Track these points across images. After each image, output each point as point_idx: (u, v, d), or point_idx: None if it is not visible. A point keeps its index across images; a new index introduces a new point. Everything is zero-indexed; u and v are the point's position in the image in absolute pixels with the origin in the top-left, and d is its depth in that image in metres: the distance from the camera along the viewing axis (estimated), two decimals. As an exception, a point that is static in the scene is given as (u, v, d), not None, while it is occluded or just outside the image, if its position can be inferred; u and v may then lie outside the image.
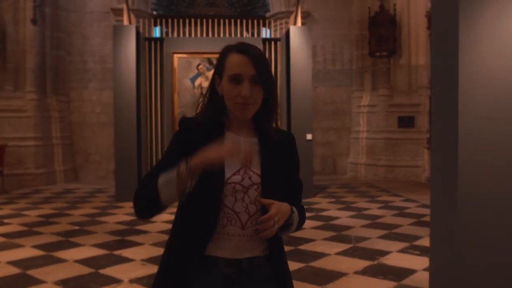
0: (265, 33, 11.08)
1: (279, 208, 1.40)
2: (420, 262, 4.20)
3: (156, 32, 9.86)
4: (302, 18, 10.35)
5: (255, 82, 1.42)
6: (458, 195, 2.92)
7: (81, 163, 10.47)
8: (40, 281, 3.78)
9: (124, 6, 7.96)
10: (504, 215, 2.79)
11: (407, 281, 3.77)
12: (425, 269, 3.87)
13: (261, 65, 1.43)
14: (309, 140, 7.67)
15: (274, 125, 1.54)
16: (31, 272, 4.00)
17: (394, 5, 9.81)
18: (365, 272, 4.01)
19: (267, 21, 9.76)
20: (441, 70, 3.06)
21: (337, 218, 6.22)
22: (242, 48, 1.43)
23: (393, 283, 3.73)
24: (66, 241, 5.06)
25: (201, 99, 1.52)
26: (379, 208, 6.88)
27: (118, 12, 10.22)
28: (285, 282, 1.51)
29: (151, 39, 8.35)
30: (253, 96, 1.42)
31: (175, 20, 9.12)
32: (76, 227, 5.72)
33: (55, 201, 7.61)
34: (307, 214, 5.46)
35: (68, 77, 10.33)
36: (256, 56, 1.43)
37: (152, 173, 1.42)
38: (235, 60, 1.42)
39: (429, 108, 9.11)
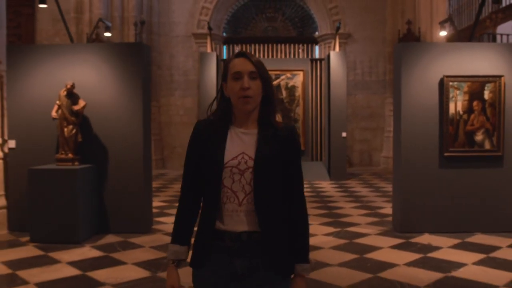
0: (317, 51, 13.93)
1: None
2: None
3: (224, 52, 12.87)
4: (344, 38, 13.12)
5: (253, 78, 1.69)
6: (401, 162, 5.63)
7: (167, 154, 13.62)
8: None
9: (208, 38, 10.99)
10: (427, 175, 5.50)
11: (387, 219, 6.46)
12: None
13: (258, 63, 1.72)
14: (344, 137, 10.35)
15: (277, 119, 1.79)
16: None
17: (419, 28, 12.25)
18: (366, 218, 6.74)
19: (316, 41, 12.50)
20: (395, 97, 5.78)
21: (358, 191, 8.92)
22: (241, 53, 1.74)
23: (381, 228, 6.43)
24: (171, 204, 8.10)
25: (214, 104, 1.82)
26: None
27: (197, 36, 13.33)
28: (277, 257, 1.71)
29: (225, 60, 11.36)
30: (253, 89, 1.68)
31: (241, 42, 12.06)
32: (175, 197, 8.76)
33: (157, 180, 10.72)
34: (341, 194, 8.58)
35: (158, 86, 13.49)
36: (252, 57, 1.72)
37: (184, 178, 1.82)
38: (235, 62, 1.71)
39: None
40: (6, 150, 5.82)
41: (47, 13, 12.63)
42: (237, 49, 14.36)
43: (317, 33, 14.17)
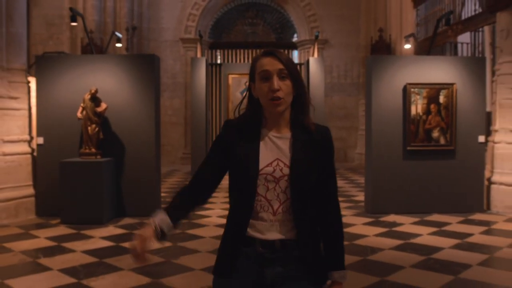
0: (296, 55, 15.09)
1: None
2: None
3: (210, 56, 13.91)
4: (322, 44, 14.31)
5: (283, 77, 1.62)
6: (372, 155, 6.79)
7: (156, 151, 14.60)
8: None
9: (198, 44, 12.03)
10: (393, 166, 6.67)
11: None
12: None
13: (287, 61, 1.64)
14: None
15: (310, 120, 1.71)
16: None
17: (390, 35, 13.52)
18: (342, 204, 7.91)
19: (295, 46, 13.63)
20: (367, 101, 6.93)
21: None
22: (268, 51, 1.68)
23: (355, 211, 7.60)
24: (173, 193, 9.12)
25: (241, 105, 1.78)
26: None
27: (185, 40, 14.34)
28: (313, 265, 1.67)
29: (213, 64, 12.42)
30: (283, 89, 1.62)
31: (224, 47, 13.13)
32: (175, 187, 9.79)
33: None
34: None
35: (148, 88, 14.45)
36: (281, 55, 1.66)
37: (200, 167, 1.78)
38: (263, 62, 1.65)
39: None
40: (34, 146, 6.78)
41: (41, 17, 13.46)
42: (220, 53, 15.46)
43: (296, 38, 15.34)
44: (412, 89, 6.71)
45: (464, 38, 11.70)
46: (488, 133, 7.41)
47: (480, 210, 6.87)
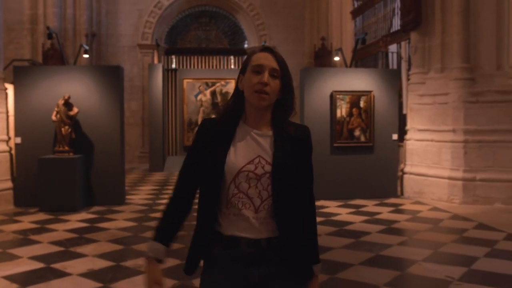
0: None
1: None
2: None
3: (166, 61, 15.10)
4: (270, 51, 15.67)
5: (274, 76, 1.66)
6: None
7: (115, 151, 15.62)
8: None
9: (155, 51, 13.20)
10: (322, 160, 8.12)
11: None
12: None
13: (282, 62, 1.69)
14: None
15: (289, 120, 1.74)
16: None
17: (331, 43, 15.06)
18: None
19: (246, 52, 14.97)
20: (300, 105, 8.33)
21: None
22: (267, 48, 1.72)
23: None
24: (133, 187, 10.28)
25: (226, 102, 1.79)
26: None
27: (142, 46, 15.43)
28: (298, 262, 1.71)
29: (169, 70, 13.62)
30: (271, 86, 1.65)
31: (179, 53, 14.35)
32: (135, 182, 10.94)
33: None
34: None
35: (106, 91, 15.46)
36: (278, 55, 1.70)
37: (182, 171, 1.79)
38: (259, 55, 1.69)
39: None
40: (11, 145, 7.81)
41: (1, 23, 14.25)
42: (175, 59, 16.62)
43: (246, 45, 16.70)
44: (338, 96, 8.15)
45: (394, 47, 13.35)
46: (405, 132, 8.97)
47: (394, 196, 8.41)
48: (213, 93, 13.68)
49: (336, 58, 11.65)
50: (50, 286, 4.00)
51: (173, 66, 15.02)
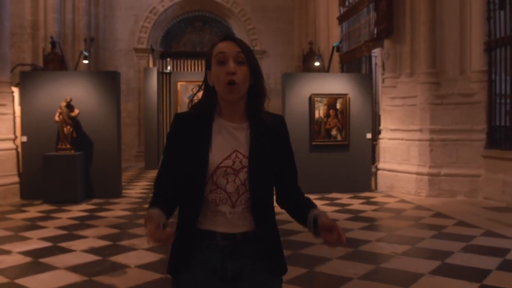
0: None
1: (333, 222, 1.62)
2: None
3: (161, 64, 15.95)
4: (260, 54, 16.53)
5: (240, 62, 1.63)
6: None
7: (112, 150, 16.45)
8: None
9: (150, 55, 14.04)
10: (302, 157, 8.97)
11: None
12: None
13: (243, 45, 1.66)
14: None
15: (264, 109, 1.73)
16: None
17: (319, 47, 15.90)
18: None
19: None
20: (282, 106, 9.17)
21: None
22: (225, 36, 1.70)
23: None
24: (130, 183, 11.11)
25: (191, 103, 1.77)
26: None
27: (138, 50, 16.27)
28: (272, 256, 1.73)
29: (164, 73, 14.45)
30: (239, 74, 1.62)
31: (174, 56, 15.20)
32: (131, 178, 11.77)
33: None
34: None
35: (104, 93, 16.29)
36: (238, 39, 1.68)
37: (160, 171, 1.78)
38: (220, 45, 1.67)
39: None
40: (17, 143, 8.63)
41: (4, 28, 15.04)
42: (170, 62, 17.44)
43: (239, 48, 17.52)
44: (316, 98, 8.99)
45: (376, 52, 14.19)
46: (379, 131, 9.81)
47: (369, 190, 9.25)
48: (206, 95, 14.49)
49: (317, 64, 12.49)
50: (58, 259, 4.82)
51: (168, 68, 15.82)
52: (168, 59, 17.36)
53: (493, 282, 4.09)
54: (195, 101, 1.78)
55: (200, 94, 1.77)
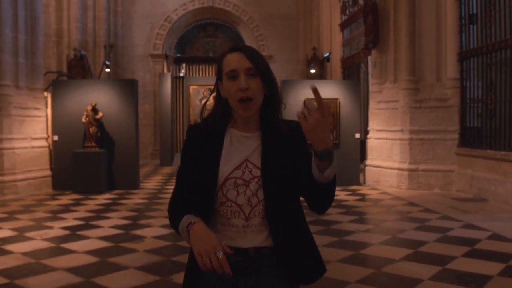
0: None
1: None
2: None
3: (175, 69, 17.36)
4: (268, 59, 17.75)
5: (252, 75, 1.57)
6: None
7: (130, 148, 17.91)
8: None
9: (165, 62, 15.45)
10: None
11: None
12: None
13: (255, 58, 1.59)
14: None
15: (280, 117, 1.66)
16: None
17: (322, 53, 17.15)
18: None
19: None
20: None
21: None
22: (235, 47, 1.62)
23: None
24: (146, 178, 12.52)
25: (204, 107, 1.81)
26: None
27: (153, 56, 17.70)
28: (290, 271, 1.62)
29: (177, 77, 15.86)
30: (251, 88, 1.57)
31: (188, 61, 16.59)
32: (148, 174, 13.17)
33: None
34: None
35: (122, 95, 17.74)
36: (249, 50, 1.61)
37: (177, 186, 1.73)
38: (229, 59, 1.60)
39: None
40: (49, 141, 10.07)
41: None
42: (184, 67, 18.88)
43: (248, 53, 18.85)
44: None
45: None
46: (367, 132, 11.05)
47: (357, 184, 10.50)
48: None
49: (312, 71, 13.77)
50: (90, 232, 6.20)
51: (182, 72, 17.21)
52: (183, 64, 18.82)
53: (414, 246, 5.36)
54: (207, 106, 1.81)
55: (211, 98, 1.78)
